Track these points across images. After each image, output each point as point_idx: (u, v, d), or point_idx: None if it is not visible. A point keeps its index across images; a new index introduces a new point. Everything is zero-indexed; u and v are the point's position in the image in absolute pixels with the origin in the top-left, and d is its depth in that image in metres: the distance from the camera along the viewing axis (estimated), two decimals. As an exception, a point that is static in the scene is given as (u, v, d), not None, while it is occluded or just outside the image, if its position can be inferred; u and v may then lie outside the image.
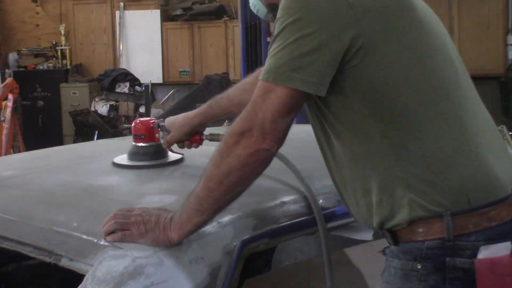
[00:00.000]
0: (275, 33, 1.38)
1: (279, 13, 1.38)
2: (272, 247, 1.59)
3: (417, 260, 1.37)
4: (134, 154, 2.01)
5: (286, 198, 1.65)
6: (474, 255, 1.34)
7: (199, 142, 2.02)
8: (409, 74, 1.38)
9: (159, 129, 2.02)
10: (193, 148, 2.04)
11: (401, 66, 1.38)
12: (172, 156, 2.05)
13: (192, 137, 2.01)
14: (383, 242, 1.51)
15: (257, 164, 1.37)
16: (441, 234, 1.35)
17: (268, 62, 1.37)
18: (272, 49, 1.37)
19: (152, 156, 2.00)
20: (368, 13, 1.36)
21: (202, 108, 2.02)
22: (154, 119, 2.05)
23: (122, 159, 2.03)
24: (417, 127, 1.37)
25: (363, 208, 1.46)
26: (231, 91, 2.01)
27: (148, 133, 2.01)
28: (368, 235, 1.74)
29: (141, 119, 2.07)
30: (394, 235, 1.41)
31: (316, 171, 1.87)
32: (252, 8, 1.74)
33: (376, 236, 1.77)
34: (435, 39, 1.45)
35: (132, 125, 2.05)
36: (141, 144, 2.01)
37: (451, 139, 1.38)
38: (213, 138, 1.98)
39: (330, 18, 1.34)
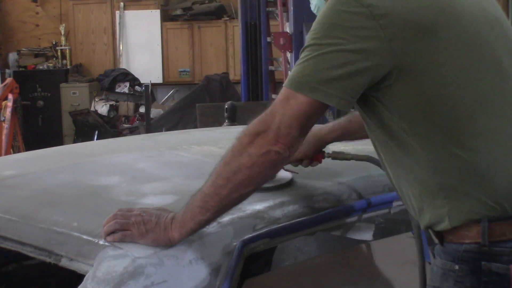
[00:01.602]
0: (306, 43, 1.40)
1: (313, 25, 1.41)
2: (272, 247, 1.59)
3: (455, 261, 1.41)
4: None
5: (286, 198, 1.65)
6: (511, 261, 1.36)
7: (320, 161, 1.83)
8: (442, 92, 1.39)
9: None
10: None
11: (434, 85, 1.38)
12: (281, 174, 1.74)
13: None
14: (383, 242, 1.51)
15: (266, 165, 1.38)
16: (478, 239, 1.38)
17: (294, 70, 1.40)
18: (300, 58, 1.40)
19: None
20: (399, 33, 1.36)
21: (339, 122, 1.85)
22: None
23: None
24: (453, 142, 1.39)
25: (410, 208, 1.51)
26: None
27: None
28: (368, 235, 1.74)
29: None
30: (440, 235, 1.45)
31: (317, 171, 1.87)
32: (312, 8, 1.73)
33: (377, 236, 1.78)
34: (479, 49, 1.43)
35: None
36: None
37: (487, 153, 1.40)
38: (337, 156, 1.81)
39: (360, 38, 1.35)
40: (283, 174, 1.75)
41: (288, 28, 6.15)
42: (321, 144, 1.82)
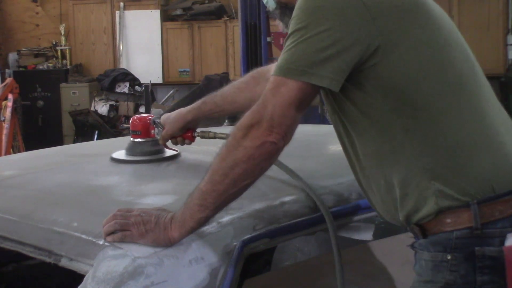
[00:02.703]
0: (290, 30, 1.40)
1: (295, 12, 1.41)
2: (272, 247, 1.59)
3: (446, 251, 1.40)
4: (132, 149, 2.07)
5: (286, 198, 1.65)
6: (503, 242, 1.37)
7: (191, 139, 2.03)
8: (427, 69, 1.41)
9: (154, 125, 2.06)
10: (192, 145, 2.04)
11: (419, 62, 1.41)
12: (168, 152, 2.09)
13: (185, 133, 2.02)
14: (383, 242, 1.51)
15: (263, 157, 1.38)
16: (469, 223, 1.38)
17: (281, 58, 1.40)
18: (286, 46, 1.40)
19: (148, 152, 2.06)
20: (383, 12, 1.39)
21: (196, 104, 2.02)
22: (151, 116, 2.09)
23: (120, 154, 2.09)
24: (438, 120, 1.41)
25: (389, 204, 1.49)
26: (225, 89, 2.02)
27: (144, 129, 2.06)
28: (368, 235, 1.74)
29: (139, 115, 2.12)
30: (422, 228, 1.44)
31: (317, 171, 1.87)
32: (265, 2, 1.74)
33: (377, 236, 1.77)
34: (450, 34, 1.48)
35: (130, 121, 2.11)
36: (138, 140, 2.07)
37: (472, 130, 1.42)
38: (203, 135, 2.01)
39: (345, 17, 1.37)
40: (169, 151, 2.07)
41: (288, 28, 6.14)
42: (184, 123, 1.97)
